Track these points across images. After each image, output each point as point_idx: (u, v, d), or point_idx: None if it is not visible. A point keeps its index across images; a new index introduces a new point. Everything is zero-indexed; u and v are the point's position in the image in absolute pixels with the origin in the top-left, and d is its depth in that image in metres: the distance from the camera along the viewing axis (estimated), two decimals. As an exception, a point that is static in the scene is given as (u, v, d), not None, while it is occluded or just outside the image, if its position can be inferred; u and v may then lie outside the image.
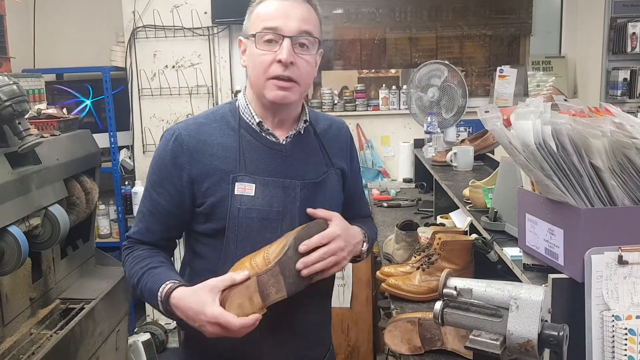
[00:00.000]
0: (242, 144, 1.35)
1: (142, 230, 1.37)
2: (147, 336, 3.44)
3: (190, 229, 1.38)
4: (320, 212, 1.34)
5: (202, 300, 1.18)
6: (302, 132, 1.42)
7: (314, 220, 1.34)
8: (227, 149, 1.34)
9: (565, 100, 1.21)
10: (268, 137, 1.37)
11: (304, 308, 1.38)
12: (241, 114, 1.39)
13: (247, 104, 1.39)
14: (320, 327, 1.50)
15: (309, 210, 1.34)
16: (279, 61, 1.28)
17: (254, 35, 1.31)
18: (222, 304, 1.18)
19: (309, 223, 1.31)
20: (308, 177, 1.38)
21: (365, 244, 1.43)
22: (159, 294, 1.24)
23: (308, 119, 1.43)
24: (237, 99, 1.43)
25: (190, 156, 1.32)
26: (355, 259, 1.43)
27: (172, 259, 1.42)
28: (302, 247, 1.25)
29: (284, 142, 1.38)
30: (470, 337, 1.00)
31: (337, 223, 1.33)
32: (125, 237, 1.42)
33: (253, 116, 1.37)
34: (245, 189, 1.31)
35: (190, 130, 1.35)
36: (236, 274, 1.21)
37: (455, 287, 1.03)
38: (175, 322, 1.37)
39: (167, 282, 1.25)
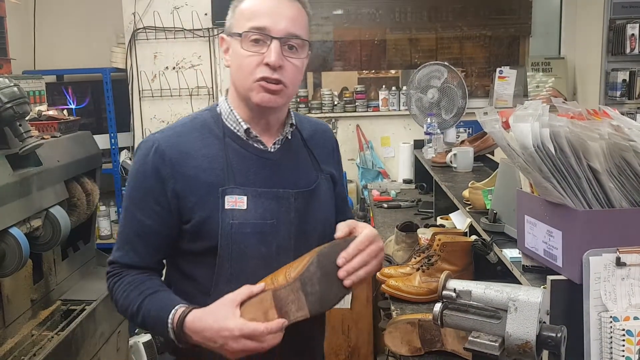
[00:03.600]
0: (229, 154, 1.25)
1: (128, 254, 1.26)
2: (148, 337, 3.44)
3: (178, 247, 1.27)
4: (343, 227, 1.22)
5: (223, 316, 1.11)
6: (289, 138, 1.34)
7: (333, 239, 1.22)
8: (212, 159, 1.24)
9: (564, 102, 1.22)
10: (256, 144, 1.28)
11: (301, 325, 1.24)
12: (224, 120, 1.29)
13: (230, 110, 1.29)
14: (317, 343, 1.42)
15: (337, 235, 1.21)
16: (267, 64, 1.19)
17: (239, 35, 1.21)
18: None
19: (332, 241, 1.20)
20: (300, 185, 1.30)
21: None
22: (170, 320, 1.15)
23: (294, 122, 1.35)
24: (217, 105, 1.33)
25: (172, 169, 1.21)
26: None
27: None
28: (341, 260, 1.16)
29: (272, 150, 1.30)
30: (469, 338, 1.01)
31: (364, 226, 1.23)
32: (108, 262, 1.30)
33: (239, 122, 1.27)
34: (236, 202, 1.21)
35: (170, 141, 1.24)
36: (253, 287, 1.14)
37: (455, 289, 1.04)
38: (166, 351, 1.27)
39: (178, 307, 1.16)
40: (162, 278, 1.33)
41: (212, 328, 1.11)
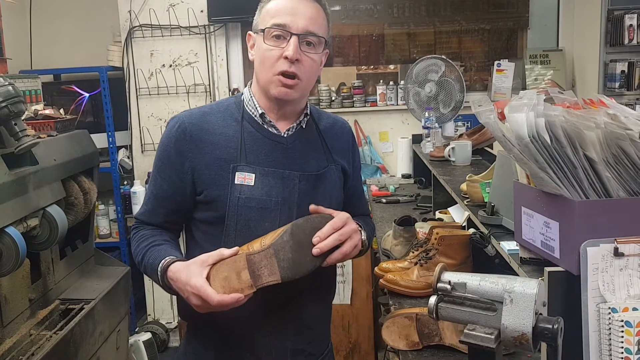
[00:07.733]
0: (244, 135, 1.38)
1: (147, 212, 1.43)
2: (148, 335, 3.44)
3: (192, 217, 1.42)
4: (322, 209, 1.35)
5: (190, 272, 1.22)
6: (304, 127, 1.45)
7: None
8: (229, 139, 1.37)
9: (560, 92, 1.21)
10: (270, 129, 1.41)
11: (305, 303, 1.40)
12: (245, 106, 1.43)
13: (251, 97, 1.43)
14: (320, 322, 1.50)
15: (312, 207, 1.34)
16: (286, 57, 1.32)
17: (262, 31, 1.35)
18: (209, 276, 1.21)
19: (308, 215, 1.31)
20: (308, 170, 1.40)
21: (362, 232, 1.42)
22: (159, 268, 1.30)
23: (309, 112, 1.46)
24: (242, 93, 1.47)
25: (192, 144, 1.36)
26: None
27: (178, 239, 1.47)
28: (316, 239, 1.26)
29: (285, 135, 1.42)
30: (465, 331, 1.00)
31: (342, 212, 1.35)
32: (134, 217, 1.49)
33: (256, 108, 1.41)
34: (245, 178, 1.34)
35: (193, 119, 1.39)
36: (225, 249, 1.25)
37: (450, 282, 1.03)
38: (178, 316, 1.40)
39: (166, 258, 1.30)
40: (179, 240, 1.49)
41: (181, 281, 1.24)
